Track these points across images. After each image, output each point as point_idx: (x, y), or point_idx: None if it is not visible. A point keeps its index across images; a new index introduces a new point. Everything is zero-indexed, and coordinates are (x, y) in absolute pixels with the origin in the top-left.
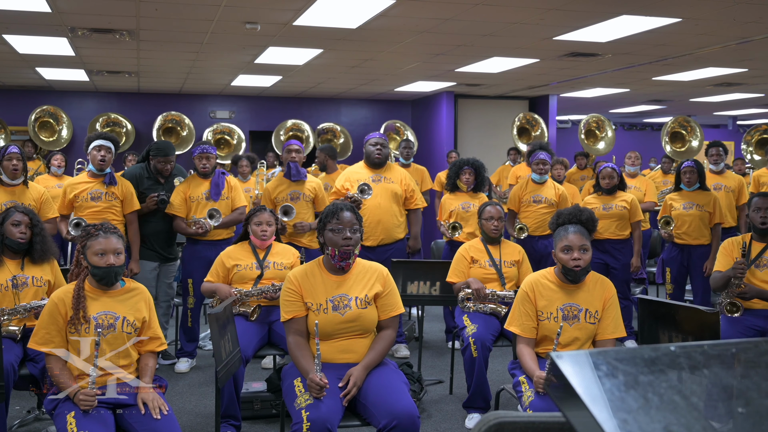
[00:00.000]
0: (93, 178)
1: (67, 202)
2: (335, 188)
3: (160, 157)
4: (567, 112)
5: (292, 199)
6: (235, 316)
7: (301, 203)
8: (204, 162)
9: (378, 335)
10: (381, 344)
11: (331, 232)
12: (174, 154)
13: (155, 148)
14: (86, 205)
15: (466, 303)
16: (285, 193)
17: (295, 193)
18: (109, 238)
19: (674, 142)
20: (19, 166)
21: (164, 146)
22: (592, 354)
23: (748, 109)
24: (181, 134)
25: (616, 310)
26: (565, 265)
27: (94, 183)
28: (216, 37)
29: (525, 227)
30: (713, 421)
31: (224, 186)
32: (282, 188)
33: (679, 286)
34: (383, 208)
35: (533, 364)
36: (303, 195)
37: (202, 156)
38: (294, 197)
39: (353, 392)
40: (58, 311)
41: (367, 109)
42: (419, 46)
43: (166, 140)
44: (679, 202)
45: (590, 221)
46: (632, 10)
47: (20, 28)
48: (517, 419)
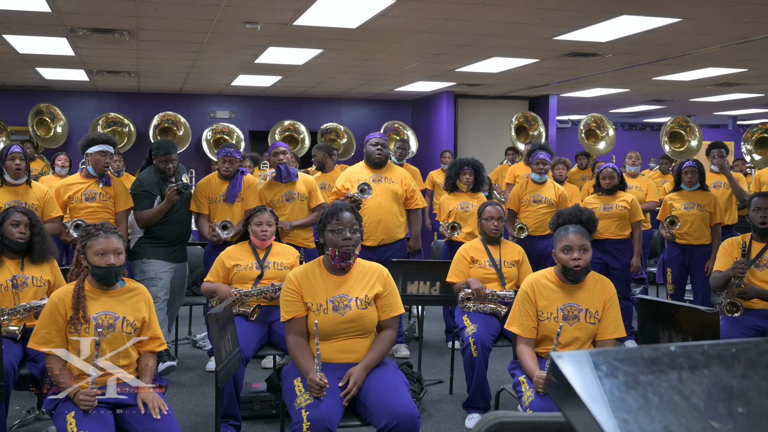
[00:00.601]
0: (87, 178)
1: (62, 203)
2: (335, 188)
3: (161, 156)
4: (567, 112)
5: (287, 200)
6: (234, 316)
7: (296, 203)
8: (227, 165)
9: (378, 335)
10: (381, 344)
11: (330, 232)
12: (176, 151)
13: (156, 147)
14: (80, 206)
15: (466, 303)
16: (279, 195)
17: (289, 194)
18: (109, 238)
19: (673, 142)
20: (22, 166)
21: (165, 144)
22: (592, 354)
23: (748, 109)
24: (178, 134)
25: (616, 311)
26: (566, 265)
27: (89, 183)
28: (216, 37)
29: (525, 227)
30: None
31: (241, 188)
32: (276, 191)
33: (680, 286)
34: (384, 208)
35: (533, 364)
36: (298, 195)
37: (225, 159)
38: (289, 198)
39: (353, 392)
40: (57, 311)
41: (367, 109)
42: (419, 46)
43: (167, 138)
44: (680, 202)
45: (590, 221)
46: (632, 10)
47: (20, 28)
48: (517, 419)
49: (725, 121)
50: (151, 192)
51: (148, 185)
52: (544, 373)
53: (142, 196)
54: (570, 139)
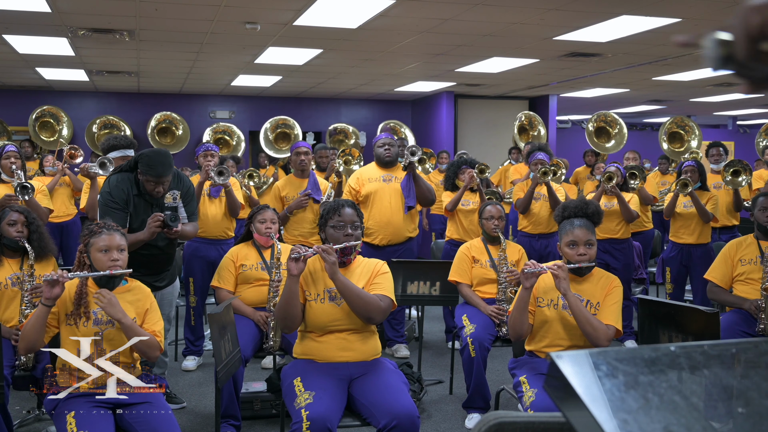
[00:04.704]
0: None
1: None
2: (348, 186)
3: (151, 177)
4: (567, 112)
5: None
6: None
7: (310, 203)
8: (209, 159)
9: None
10: (363, 290)
11: (332, 228)
12: (170, 173)
13: (146, 164)
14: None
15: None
16: (295, 193)
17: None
18: (112, 235)
19: (673, 142)
20: (17, 164)
21: (158, 163)
22: (592, 354)
23: (748, 109)
24: (176, 134)
25: (614, 301)
26: (571, 260)
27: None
28: (216, 37)
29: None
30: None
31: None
32: (290, 188)
33: (679, 285)
34: (393, 207)
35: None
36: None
37: (207, 153)
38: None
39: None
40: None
41: (367, 109)
42: (419, 46)
43: (162, 151)
44: (680, 201)
45: (596, 214)
46: (632, 10)
47: (20, 28)
48: (517, 419)
49: (725, 121)
50: (123, 207)
51: (118, 197)
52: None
53: (111, 209)
54: (570, 139)
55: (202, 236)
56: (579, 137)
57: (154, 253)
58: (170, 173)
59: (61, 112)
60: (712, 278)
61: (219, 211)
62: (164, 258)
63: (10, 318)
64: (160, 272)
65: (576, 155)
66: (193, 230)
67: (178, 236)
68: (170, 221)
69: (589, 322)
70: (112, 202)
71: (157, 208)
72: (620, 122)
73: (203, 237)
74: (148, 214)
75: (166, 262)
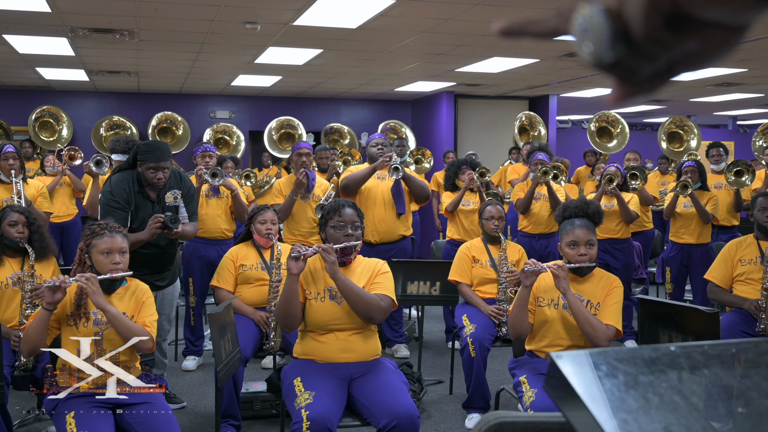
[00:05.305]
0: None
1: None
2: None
3: (150, 163)
4: (567, 112)
5: (302, 200)
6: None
7: (310, 202)
8: (207, 160)
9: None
10: (364, 289)
11: (332, 228)
12: (170, 158)
13: (144, 150)
14: None
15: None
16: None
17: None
18: (114, 237)
19: (672, 142)
20: (15, 165)
21: (156, 148)
22: (592, 354)
23: (748, 109)
24: (177, 133)
25: (615, 301)
26: (571, 260)
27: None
28: (216, 37)
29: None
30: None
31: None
32: (291, 188)
33: (679, 285)
34: (386, 206)
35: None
36: (313, 195)
37: (205, 154)
38: (303, 198)
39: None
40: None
41: (367, 109)
42: (419, 46)
43: (159, 141)
44: (680, 201)
45: (597, 214)
46: None
47: (20, 28)
48: (517, 419)
49: (725, 121)
50: (124, 206)
51: (119, 196)
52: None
53: (112, 208)
54: (570, 139)
55: (202, 236)
56: (579, 137)
57: (155, 252)
58: (169, 159)
59: (61, 112)
60: (712, 278)
61: (218, 212)
62: (165, 257)
63: (10, 318)
64: (162, 271)
65: (576, 155)
66: (193, 230)
67: (178, 237)
68: (170, 223)
69: (588, 321)
70: (113, 201)
71: (159, 207)
72: (622, 122)
73: (203, 237)
74: (150, 211)
75: (167, 262)
